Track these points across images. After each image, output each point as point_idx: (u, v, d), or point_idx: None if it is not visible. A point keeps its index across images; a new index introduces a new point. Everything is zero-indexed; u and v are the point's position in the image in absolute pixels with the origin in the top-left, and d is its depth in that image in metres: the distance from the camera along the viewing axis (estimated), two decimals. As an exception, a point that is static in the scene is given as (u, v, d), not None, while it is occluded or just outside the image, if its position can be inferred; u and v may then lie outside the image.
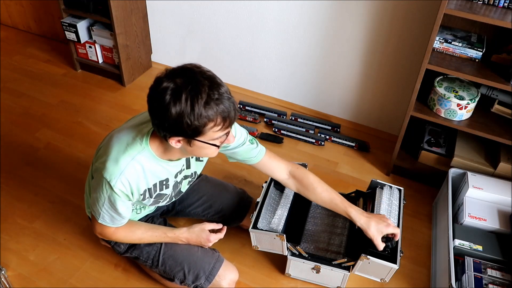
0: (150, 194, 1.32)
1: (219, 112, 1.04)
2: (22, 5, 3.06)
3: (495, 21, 1.59)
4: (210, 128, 1.06)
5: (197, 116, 1.02)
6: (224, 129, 1.09)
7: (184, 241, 1.46)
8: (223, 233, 1.47)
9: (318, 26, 2.22)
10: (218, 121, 1.06)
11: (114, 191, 1.20)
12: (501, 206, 1.74)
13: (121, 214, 1.28)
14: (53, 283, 1.65)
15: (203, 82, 1.03)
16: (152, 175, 1.26)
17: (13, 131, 2.32)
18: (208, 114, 1.03)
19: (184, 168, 1.39)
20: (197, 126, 1.04)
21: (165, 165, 1.27)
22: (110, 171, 1.18)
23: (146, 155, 1.21)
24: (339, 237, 1.69)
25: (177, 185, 1.42)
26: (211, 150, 1.15)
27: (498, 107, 1.93)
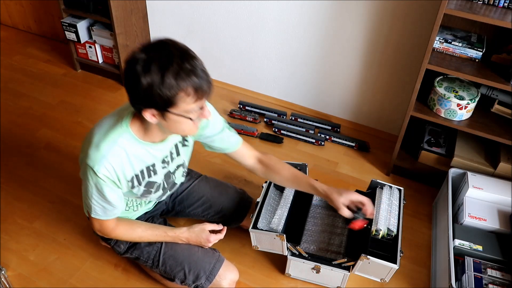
0: (139, 181, 1.30)
1: (191, 83, 1.04)
2: (22, 5, 3.06)
3: (495, 21, 1.59)
4: (181, 99, 1.05)
5: (168, 86, 1.02)
6: (197, 101, 1.07)
7: (184, 240, 1.46)
8: (223, 234, 1.47)
9: (318, 26, 2.22)
10: (189, 92, 1.04)
11: (99, 177, 1.18)
12: (501, 206, 1.74)
13: (111, 202, 1.26)
14: (53, 283, 1.65)
15: (175, 53, 1.04)
16: (137, 160, 1.25)
17: (13, 131, 2.32)
18: (179, 84, 1.02)
19: (175, 155, 1.38)
20: (168, 97, 1.04)
21: (149, 148, 1.26)
22: (93, 157, 1.17)
23: (128, 138, 1.20)
24: (339, 237, 1.69)
25: (169, 175, 1.40)
26: (188, 125, 1.13)
27: (498, 107, 1.93)
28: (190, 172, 1.76)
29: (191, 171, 1.76)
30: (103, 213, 1.30)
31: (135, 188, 1.31)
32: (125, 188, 1.28)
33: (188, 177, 1.72)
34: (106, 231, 1.37)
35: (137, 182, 1.30)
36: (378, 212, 1.55)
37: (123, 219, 1.42)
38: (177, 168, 1.43)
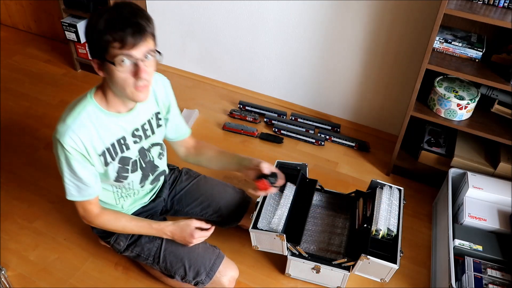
0: (111, 156, 1.31)
1: (119, 29, 1.08)
2: (22, 5, 3.06)
3: (495, 21, 1.59)
4: (110, 45, 1.09)
5: (99, 30, 1.08)
6: (123, 48, 1.10)
7: (169, 234, 1.45)
8: (209, 233, 1.46)
9: (318, 26, 2.22)
10: (116, 37, 1.08)
11: (66, 150, 1.20)
12: (501, 206, 1.74)
13: (82, 180, 1.27)
14: (53, 283, 1.65)
15: (120, 6, 1.11)
16: (105, 131, 1.26)
17: (13, 131, 2.32)
18: (108, 28, 1.08)
19: (149, 133, 1.40)
20: (99, 40, 1.09)
21: (116, 119, 1.27)
22: (59, 130, 1.20)
23: (93, 109, 1.23)
24: (339, 237, 1.70)
25: (144, 152, 1.41)
26: (126, 81, 1.14)
27: (498, 107, 1.93)
28: (189, 171, 1.76)
29: (189, 171, 1.76)
30: (77, 192, 1.30)
31: (110, 165, 1.31)
32: (98, 165, 1.29)
33: (186, 176, 1.72)
34: (90, 217, 1.38)
35: (110, 157, 1.31)
36: (378, 212, 1.55)
37: (108, 209, 1.43)
38: (152, 146, 1.44)
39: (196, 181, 1.72)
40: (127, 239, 1.52)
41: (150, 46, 1.15)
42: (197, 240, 1.44)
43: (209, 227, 1.47)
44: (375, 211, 1.56)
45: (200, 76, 2.78)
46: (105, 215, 1.40)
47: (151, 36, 1.15)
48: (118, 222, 1.41)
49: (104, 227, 1.43)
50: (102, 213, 1.39)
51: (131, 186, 1.45)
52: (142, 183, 1.47)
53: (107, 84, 1.22)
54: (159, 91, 1.40)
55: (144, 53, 1.13)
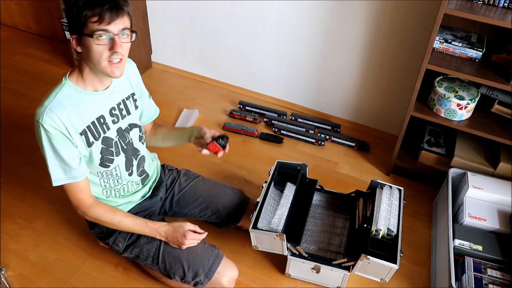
0: (94, 135, 1.33)
1: (97, 4, 1.14)
2: (22, 5, 3.06)
3: (495, 21, 1.59)
4: (88, 19, 1.15)
5: (78, 7, 1.14)
6: (101, 23, 1.15)
7: (163, 235, 1.46)
8: (202, 236, 1.47)
9: (318, 26, 2.22)
10: (95, 12, 1.14)
11: (46, 129, 1.22)
12: (501, 206, 1.74)
13: (66, 161, 1.28)
14: (53, 283, 1.65)
15: None
16: (83, 110, 1.29)
17: (13, 131, 2.32)
18: (87, 3, 1.14)
19: (125, 113, 1.42)
20: (77, 15, 1.15)
21: (93, 97, 1.31)
22: (38, 112, 1.24)
23: (69, 90, 1.27)
24: (339, 237, 1.70)
25: (123, 133, 1.43)
26: (102, 55, 1.19)
27: (498, 107, 1.93)
28: (188, 172, 1.76)
29: (188, 172, 1.76)
30: (63, 174, 1.31)
31: (93, 145, 1.33)
32: (81, 146, 1.30)
33: (185, 178, 1.73)
34: (84, 207, 1.38)
35: (92, 137, 1.33)
36: (378, 212, 1.55)
37: (103, 202, 1.44)
38: (130, 127, 1.46)
39: (195, 182, 1.72)
40: (126, 240, 1.52)
41: (126, 24, 1.21)
42: (189, 241, 1.44)
43: (203, 231, 1.48)
44: (375, 211, 1.56)
45: (200, 76, 2.78)
46: (99, 207, 1.40)
47: (128, 15, 1.21)
48: (113, 216, 1.42)
49: (99, 220, 1.42)
50: (96, 204, 1.40)
51: (119, 173, 1.45)
52: (128, 170, 1.48)
53: (84, 62, 1.26)
54: (132, 74, 1.45)
55: (120, 29, 1.19)
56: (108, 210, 1.42)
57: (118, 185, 1.49)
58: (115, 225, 1.44)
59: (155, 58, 2.85)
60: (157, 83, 2.75)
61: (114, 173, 1.45)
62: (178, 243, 1.45)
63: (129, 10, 1.21)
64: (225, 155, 2.16)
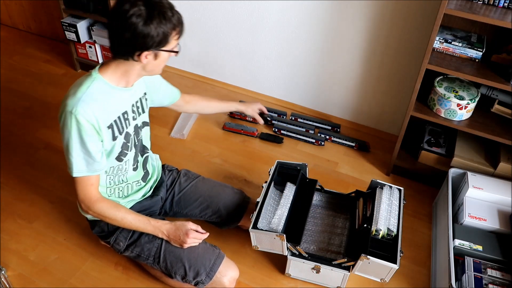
0: (119, 130, 1.37)
1: (178, 22, 1.29)
2: (22, 5, 3.06)
3: (495, 21, 1.59)
4: (172, 37, 1.27)
5: (165, 27, 1.23)
6: (179, 38, 1.32)
7: (165, 233, 1.47)
8: (204, 236, 1.48)
9: (318, 26, 2.22)
10: (177, 30, 1.29)
11: (79, 121, 1.24)
12: (501, 206, 1.74)
13: (91, 153, 1.30)
14: (53, 283, 1.66)
15: (160, 2, 1.25)
16: (112, 105, 1.33)
17: (13, 131, 2.32)
18: (171, 25, 1.25)
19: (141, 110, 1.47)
20: (165, 36, 1.25)
21: (121, 93, 1.35)
22: (71, 103, 1.24)
23: (100, 83, 1.30)
24: (339, 237, 1.70)
25: (137, 130, 1.47)
26: (165, 62, 1.34)
27: (498, 107, 1.93)
28: (188, 173, 1.76)
29: (188, 172, 1.77)
30: (85, 166, 1.32)
31: (117, 139, 1.37)
32: (107, 139, 1.33)
33: (185, 178, 1.73)
34: (89, 201, 1.38)
35: (117, 131, 1.36)
36: (378, 212, 1.55)
37: (108, 199, 1.45)
38: (143, 125, 1.51)
39: (195, 182, 1.72)
40: (127, 239, 1.52)
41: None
42: (191, 240, 1.45)
43: (204, 232, 1.48)
44: (375, 211, 1.56)
45: (200, 76, 2.78)
46: (104, 202, 1.40)
47: None
48: (117, 212, 1.42)
49: (102, 215, 1.41)
50: (101, 200, 1.40)
51: (126, 168, 1.47)
52: (134, 165, 1.50)
53: (127, 64, 1.29)
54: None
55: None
56: (112, 206, 1.42)
57: (122, 183, 1.50)
58: (118, 221, 1.43)
59: (155, 58, 2.85)
60: (157, 83, 2.75)
61: (124, 167, 1.46)
62: (180, 242, 1.45)
63: None
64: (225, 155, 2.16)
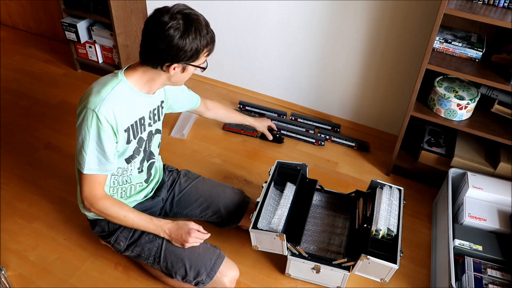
0: (134, 134, 1.39)
1: (210, 40, 1.30)
2: (22, 5, 3.06)
3: (495, 21, 1.59)
4: (202, 54, 1.29)
5: (198, 44, 1.25)
6: (209, 54, 1.34)
7: (167, 232, 1.47)
8: (206, 236, 1.49)
9: (318, 26, 2.22)
10: (209, 48, 1.31)
11: (99, 120, 1.25)
12: (501, 206, 1.74)
13: (106, 153, 1.30)
14: (53, 283, 1.66)
15: (198, 18, 1.26)
16: (132, 109, 1.34)
17: (13, 131, 2.32)
18: (205, 42, 1.27)
19: (157, 118, 1.49)
20: (198, 52, 1.27)
21: (143, 98, 1.37)
22: (94, 101, 1.26)
23: (124, 87, 1.31)
24: (339, 237, 1.70)
25: (150, 136, 1.48)
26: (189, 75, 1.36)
27: (498, 107, 1.93)
28: (188, 173, 1.76)
29: (188, 172, 1.77)
30: (97, 165, 1.32)
31: (131, 142, 1.38)
32: (122, 141, 1.34)
33: (185, 178, 1.73)
34: (94, 199, 1.38)
35: (133, 135, 1.37)
36: (378, 212, 1.55)
37: (111, 196, 1.45)
38: (155, 133, 1.52)
39: (195, 182, 1.72)
40: (127, 239, 1.52)
41: None
42: (193, 239, 1.45)
43: (206, 232, 1.49)
44: (375, 211, 1.56)
45: (200, 76, 2.78)
46: (108, 200, 1.41)
47: None
48: (120, 210, 1.42)
49: (104, 212, 1.41)
50: (105, 197, 1.40)
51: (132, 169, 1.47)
52: (139, 168, 1.51)
53: (154, 73, 1.32)
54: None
55: None
56: (115, 203, 1.42)
57: (126, 184, 1.50)
58: (120, 219, 1.43)
59: (155, 58, 2.85)
60: (157, 83, 2.75)
61: (129, 169, 1.47)
62: (182, 241, 1.46)
63: None
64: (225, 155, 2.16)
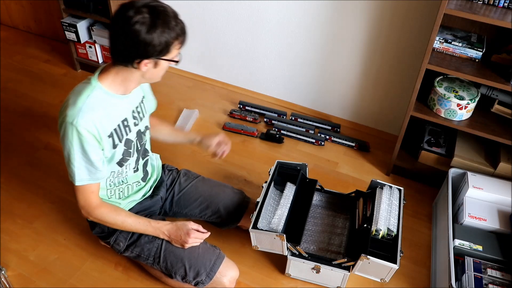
0: (119, 137, 1.36)
1: (180, 31, 1.24)
2: (22, 5, 3.06)
3: (495, 21, 1.59)
4: (174, 46, 1.24)
5: (167, 36, 1.20)
6: (181, 47, 1.28)
7: (166, 234, 1.47)
8: (205, 236, 1.49)
9: (318, 26, 2.23)
10: (179, 39, 1.25)
11: (80, 132, 1.23)
12: (501, 206, 1.74)
13: (94, 163, 1.30)
14: (53, 283, 1.66)
15: (165, 10, 1.22)
16: (112, 113, 1.32)
17: (13, 131, 2.32)
18: (175, 34, 1.22)
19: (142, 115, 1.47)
20: (168, 45, 1.22)
21: (119, 100, 1.34)
22: (71, 113, 1.23)
23: (99, 92, 1.29)
24: (339, 237, 1.70)
25: (140, 134, 1.47)
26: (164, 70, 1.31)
27: (498, 107, 1.93)
28: (188, 173, 1.76)
29: (188, 172, 1.77)
30: (88, 175, 1.32)
31: (117, 147, 1.36)
32: (107, 148, 1.32)
33: (185, 178, 1.73)
34: (90, 207, 1.38)
35: (117, 139, 1.35)
36: (378, 212, 1.55)
37: (108, 203, 1.45)
38: (146, 129, 1.51)
39: (195, 182, 1.72)
40: (127, 240, 1.52)
41: None
42: (192, 240, 1.45)
43: (206, 231, 1.49)
44: (375, 211, 1.56)
45: (200, 76, 2.78)
46: (104, 207, 1.41)
47: None
48: (117, 216, 1.42)
49: (102, 220, 1.42)
50: (101, 205, 1.40)
51: (127, 172, 1.47)
52: (134, 168, 1.51)
53: (126, 71, 1.28)
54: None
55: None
56: (111, 210, 1.42)
57: (122, 185, 1.50)
58: (118, 225, 1.44)
59: (155, 58, 2.85)
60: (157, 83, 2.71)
61: (124, 171, 1.47)
62: (181, 242, 1.46)
63: None
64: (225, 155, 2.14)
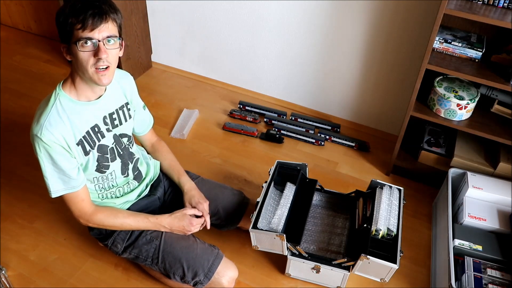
0: (90, 144, 1.34)
1: (82, 9, 1.15)
2: (22, 5, 3.06)
3: (495, 21, 1.59)
4: (75, 28, 1.15)
5: (64, 15, 1.16)
6: (85, 31, 1.16)
7: (167, 227, 1.48)
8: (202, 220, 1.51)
9: (318, 26, 2.23)
10: (79, 20, 1.15)
11: (44, 143, 1.23)
12: (501, 206, 1.74)
13: (65, 171, 1.29)
14: (53, 283, 1.66)
15: None
16: (78, 120, 1.29)
17: (13, 131, 2.32)
18: (73, 13, 1.15)
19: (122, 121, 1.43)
20: (66, 25, 1.16)
21: (86, 106, 1.31)
22: (36, 128, 1.23)
23: (63, 101, 1.27)
24: (339, 237, 1.70)
25: (118, 139, 1.44)
26: (86, 57, 1.19)
27: (498, 107, 1.93)
28: (187, 173, 1.75)
29: (188, 173, 1.76)
30: (62, 184, 1.32)
31: (90, 154, 1.34)
32: (79, 156, 1.31)
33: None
34: (86, 215, 1.39)
35: (88, 146, 1.34)
36: (378, 212, 1.55)
37: (103, 206, 1.45)
38: (122, 137, 1.47)
39: (195, 183, 1.71)
40: (124, 241, 1.52)
41: (112, 31, 1.20)
42: (196, 227, 1.49)
43: (201, 214, 1.52)
44: (375, 211, 1.56)
45: (200, 76, 2.78)
46: (101, 212, 1.41)
47: (114, 22, 1.21)
48: (115, 219, 1.43)
49: (102, 225, 1.43)
50: (97, 211, 1.41)
51: (114, 177, 1.47)
52: (124, 174, 1.50)
53: (75, 71, 1.26)
54: (126, 84, 1.46)
55: (104, 36, 1.18)
56: (109, 214, 1.42)
57: (113, 188, 1.49)
58: (118, 227, 1.45)
59: (155, 58, 2.85)
60: (157, 83, 2.75)
61: (110, 177, 1.46)
62: (185, 231, 1.49)
63: (116, 17, 1.21)
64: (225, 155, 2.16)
